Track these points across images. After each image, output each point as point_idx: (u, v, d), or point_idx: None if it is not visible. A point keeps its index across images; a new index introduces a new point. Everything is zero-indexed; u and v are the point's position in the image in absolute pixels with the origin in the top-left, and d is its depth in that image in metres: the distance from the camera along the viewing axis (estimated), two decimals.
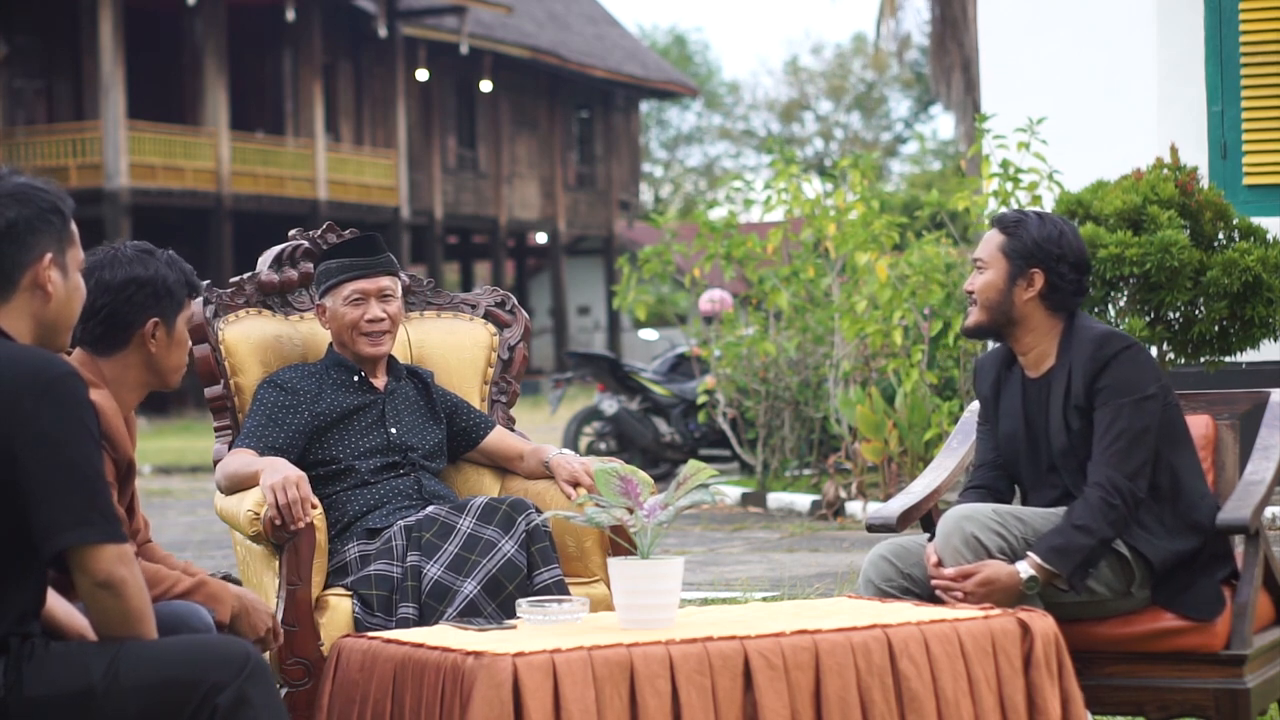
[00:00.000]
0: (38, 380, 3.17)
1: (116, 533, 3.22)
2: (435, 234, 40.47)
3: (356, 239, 5.02)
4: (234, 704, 3.25)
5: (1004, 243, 4.57)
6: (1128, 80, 10.70)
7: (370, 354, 4.93)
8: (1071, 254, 4.55)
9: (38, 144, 32.73)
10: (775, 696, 3.69)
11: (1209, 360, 8.44)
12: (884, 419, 11.52)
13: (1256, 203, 10.22)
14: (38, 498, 3.16)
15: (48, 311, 3.32)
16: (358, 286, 4.91)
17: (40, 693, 3.21)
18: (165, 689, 3.24)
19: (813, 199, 12.85)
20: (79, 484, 3.18)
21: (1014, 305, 4.55)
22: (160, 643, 3.29)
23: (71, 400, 3.19)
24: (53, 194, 3.34)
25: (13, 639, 3.22)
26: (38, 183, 3.34)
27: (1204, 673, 4.38)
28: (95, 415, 3.23)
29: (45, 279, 3.30)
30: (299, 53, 37.14)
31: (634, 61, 47.12)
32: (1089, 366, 4.46)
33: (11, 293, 3.29)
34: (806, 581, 8.84)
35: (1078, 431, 4.48)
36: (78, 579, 3.21)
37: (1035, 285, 4.54)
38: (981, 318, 4.59)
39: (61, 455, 3.17)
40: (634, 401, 15.23)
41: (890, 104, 62.67)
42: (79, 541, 3.18)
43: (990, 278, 4.57)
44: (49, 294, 3.31)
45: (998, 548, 4.36)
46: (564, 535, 4.93)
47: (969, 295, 4.61)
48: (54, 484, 3.16)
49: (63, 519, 3.16)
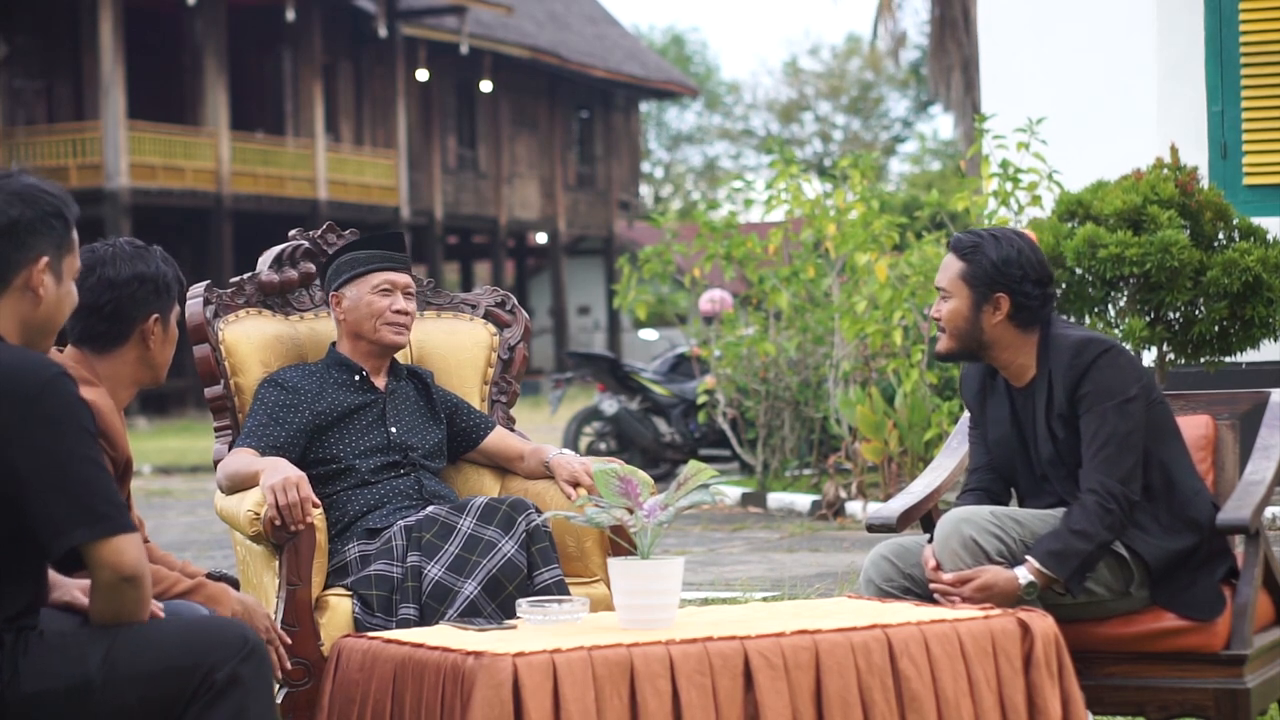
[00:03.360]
0: (29, 385, 3.17)
1: (130, 522, 3.23)
2: (435, 234, 40.47)
3: (384, 235, 5.06)
4: (226, 683, 3.26)
5: (963, 270, 4.52)
6: (1128, 80, 10.70)
7: (393, 342, 4.94)
8: (1033, 271, 4.50)
9: (38, 144, 32.72)
10: (776, 696, 3.69)
11: (1209, 360, 8.44)
12: (884, 419, 11.52)
13: (1256, 203, 10.22)
14: (45, 500, 3.16)
15: (36, 315, 3.32)
16: (388, 278, 4.95)
17: (38, 686, 3.21)
18: (164, 676, 3.24)
19: (813, 199, 12.84)
20: (85, 481, 3.18)
21: (983, 331, 4.52)
22: (157, 629, 3.29)
23: (64, 401, 3.19)
24: (58, 198, 3.34)
25: (8, 634, 3.22)
26: (45, 185, 3.34)
27: (1204, 673, 4.38)
28: (89, 411, 3.23)
29: (38, 282, 3.30)
30: (299, 53, 37.14)
31: (634, 61, 47.12)
32: (1068, 375, 4.44)
33: (2, 291, 3.29)
34: (806, 581, 8.84)
35: (1064, 440, 4.47)
36: (99, 574, 3.22)
37: (1002, 309, 4.50)
38: (952, 345, 4.56)
39: (63, 456, 3.17)
40: (634, 401, 15.23)
41: (888, 104, 62.68)
42: (98, 536, 3.19)
43: (955, 306, 4.53)
44: (40, 297, 3.31)
45: (996, 550, 4.35)
46: (564, 535, 4.93)
47: (936, 321, 4.59)
48: (60, 485, 3.17)
49: (75, 516, 3.17)
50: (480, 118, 43.61)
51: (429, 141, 41.07)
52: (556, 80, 45.16)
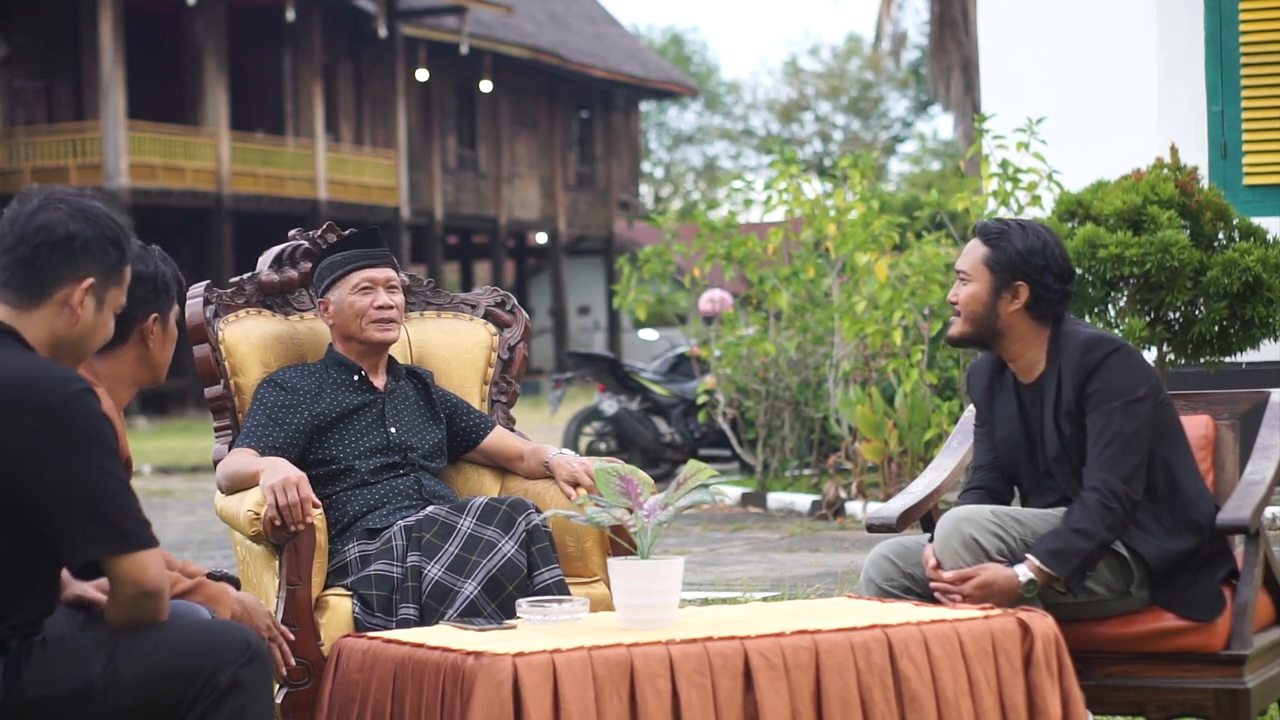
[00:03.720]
0: (53, 397, 3.19)
1: (152, 537, 3.26)
2: (435, 234, 40.47)
3: (357, 233, 5.04)
4: (228, 686, 3.27)
5: (987, 255, 4.54)
6: (1128, 80, 10.70)
7: (381, 340, 4.93)
8: (1055, 264, 4.53)
9: (38, 144, 32.72)
10: (775, 696, 3.69)
11: (1209, 360, 8.44)
12: (884, 419, 11.52)
13: (1256, 203, 10.22)
14: (66, 513, 3.18)
15: (69, 334, 3.35)
16: (366, 275, 4.93)
17: (40, 693, 3.21)
18: (166, 680, 3.25)
19: (813, 199, 12.84)
20: (109, 496, 3.21)
21: (999, 317, 4.53)
22: (159, 633, 3.30)
23: (88, 415, 3.21)
24: (120, 228, 3.37)
25: (13, 641, 3.23)
26: (111, 212, 3.38)
27: (1204, 673, 4.38)
28: (112, 427, 3.25)
29: (78, 301, 3.33)
30: (299, 53, 37.14)
31: (634, 61, 47.12)
32: (1078, 372, 4.45)
33: (41, 301, 3.31)
34: (806, 581, 8.84)
35: (1070, 437, 4.48)
36: (121, 587, 3.24)
37: (1020, 298, 4.52)
38: (966, 329, 4.58)
39: (86, 471, 3.19)
40: (634, 401, 15.23)
41: (888, 104, 62.67)
42: (121, 551, 3.22)
43: (974, 290, 4.55)
44: (77, 318, 3.34)
45: (996, 549, 4.36)
46: (564, 535, 4.93)
47: (952, 305, 4.60)
48: (83, 499, 3.19)
49: (97, 531, 3.19)
50: (480, 118, 43.61)
51: (429, 141, 41.07)
52: (556, 80, 45.16)
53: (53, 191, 3.37)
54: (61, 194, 3.36)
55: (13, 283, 3.30)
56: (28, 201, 3.35)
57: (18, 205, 3.35)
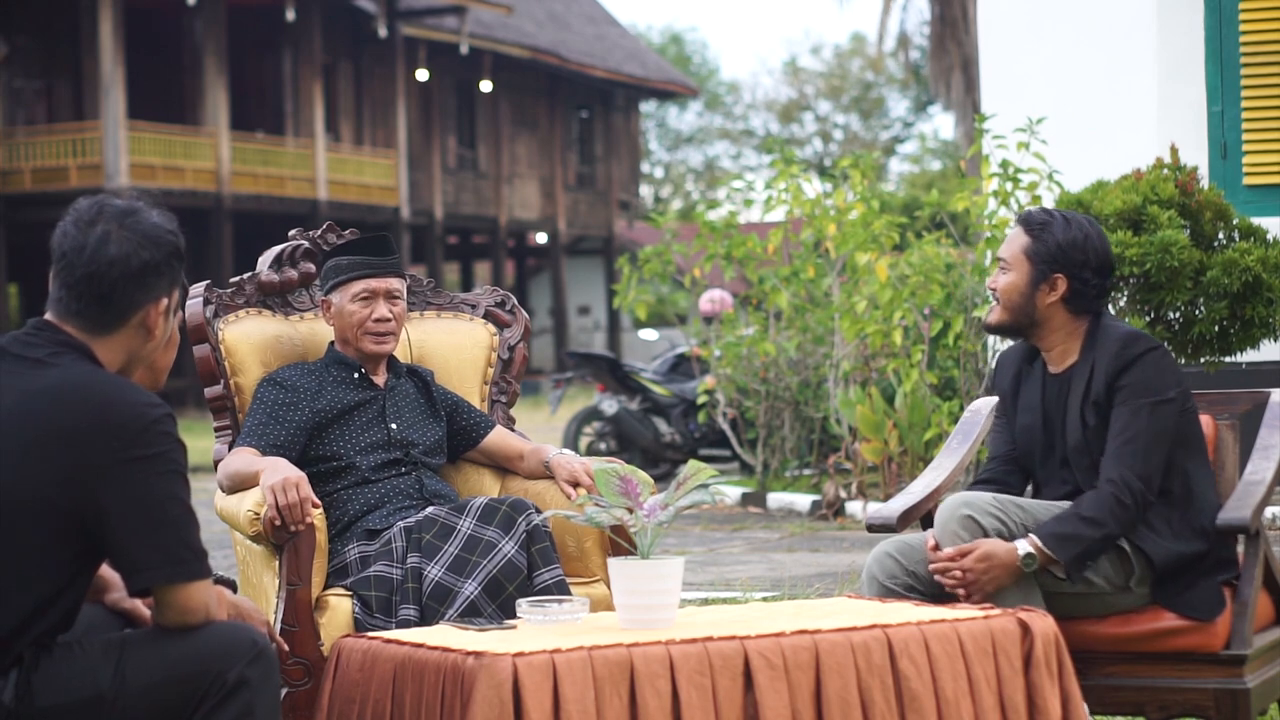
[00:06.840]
0: (135, 421, 3.22)
1: (205, 568, 3.28)
2: (435, 234, 40.46)
3: (368, 238, 5.02)
4: (235, 685, 3.29)
5: (1028, 245, 4.55)
6: (1128, 80, 10.70)
7: (374, 351, 4.93)
8: (1095, 259, 4.53)
9: (38, 144, 32.72)
10: (775, 696, 3.69)
11: (1209, 360, 8.44)
12: (884, 419, 11.52)
13: (1256, 203, 10.23)
14: (129, 536, 3.22)
15: (144, 350, 3.39)
16: (367, 285, 4.92)
17: (50, 702, 3.22)
18: (174, 684, 3.27)
19: (813, 199, 12.85)
20: (172, 524, 3.24)
21: (1036, 308, 4.54)
22: (166, 638, 3.30)
23: (166, 442, 3.24)
24: (178, 239, 3.41)
25: (28, 651, 3.24)
26: (168, 224, 3.40)
27: (1204, 673, 4.37)
28: (184, 453, 3.28)
29: (155, 322, 3.37)
30: (299, 53, 37.13)
31: (634, 61, 47.11)
32: (1112, 364, 4.45)
33: (119, 328, 3.35)
34: (806, 581, 8.84)
35: (1093, 428, 4.48)
36: (166, 614, 3.28)
37: (1058, 290, 4.53)
38: (1004, 317, 4.59)
39: (155, 496, 3.22)
40: (634, 401, 15.23)
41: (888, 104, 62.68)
42: (172, 580, 3.25)
43: (1013, 279, 4.56)
44: (153, 336, 3.38)
45: (995, 530, 4.35)
46: (564, 535, 4.93)
47: (991, 292, 4.62)
48: (147, 524, 3.22)
49: (154, 557, 3.22)
50: (480, 118, 43.61)
51: (429, 141, 41.08)
52: (556, 80, 45.15)
53: (106, 208, 3.35)
54: (117, 213, 3.34)
55: (87, 313, 3.32)
56: (88, 228, 3.33)
57: (77, 233, 3.33)
